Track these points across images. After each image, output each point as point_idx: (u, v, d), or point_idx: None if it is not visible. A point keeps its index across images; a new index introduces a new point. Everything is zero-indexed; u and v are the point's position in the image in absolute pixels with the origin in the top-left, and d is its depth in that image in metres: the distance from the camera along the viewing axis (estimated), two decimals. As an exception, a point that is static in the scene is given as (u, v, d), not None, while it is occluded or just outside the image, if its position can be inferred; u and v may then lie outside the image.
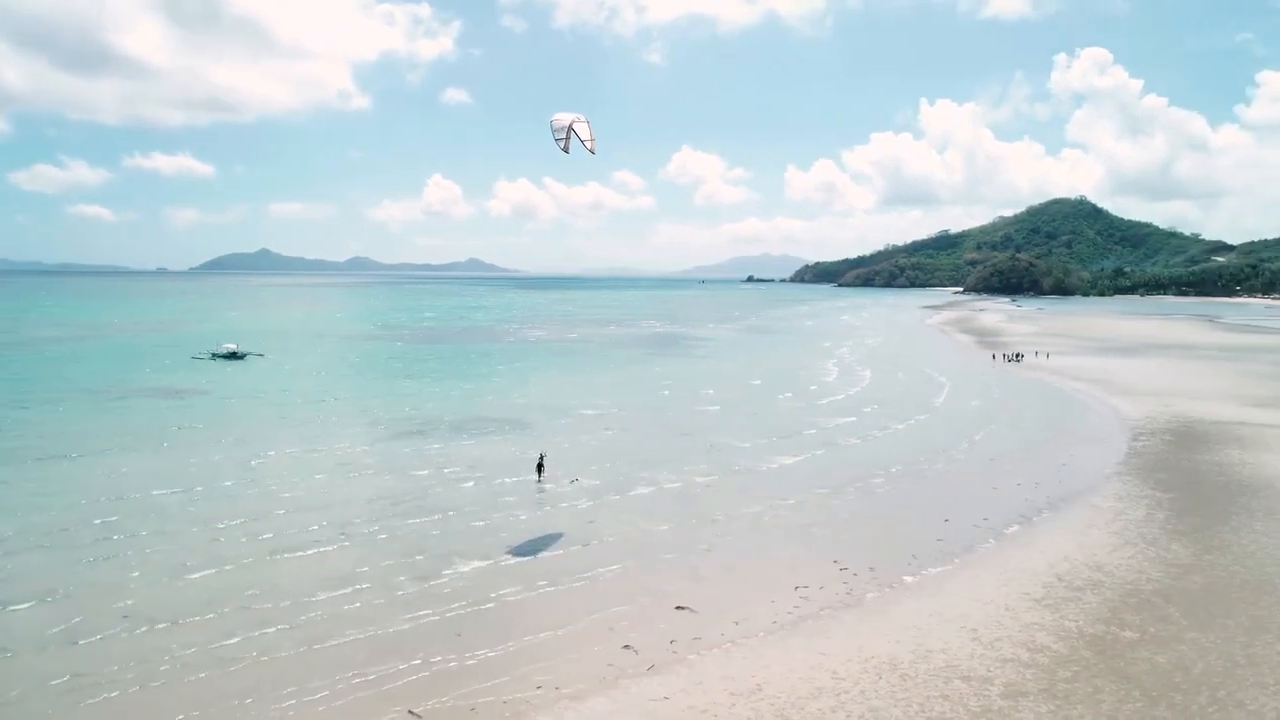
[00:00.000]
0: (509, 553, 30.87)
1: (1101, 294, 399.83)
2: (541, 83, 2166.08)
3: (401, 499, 37.41)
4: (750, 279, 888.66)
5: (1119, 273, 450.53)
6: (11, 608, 25.32)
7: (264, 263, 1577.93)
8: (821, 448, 49.60)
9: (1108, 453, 49.08)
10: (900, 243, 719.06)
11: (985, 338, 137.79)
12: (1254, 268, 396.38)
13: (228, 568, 28.54)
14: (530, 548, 31.36)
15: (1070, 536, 33.59)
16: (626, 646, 23.54)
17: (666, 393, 71.75)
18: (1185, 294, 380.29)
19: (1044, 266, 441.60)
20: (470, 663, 22.43)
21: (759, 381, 78.73)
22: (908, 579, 29.20)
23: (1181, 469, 44.63)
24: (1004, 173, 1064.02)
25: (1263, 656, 22.64)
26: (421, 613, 25.36)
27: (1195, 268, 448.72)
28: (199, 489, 38.46)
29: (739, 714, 19.87)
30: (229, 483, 39.68)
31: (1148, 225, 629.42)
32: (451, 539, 32.25)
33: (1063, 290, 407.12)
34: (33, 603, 25.64)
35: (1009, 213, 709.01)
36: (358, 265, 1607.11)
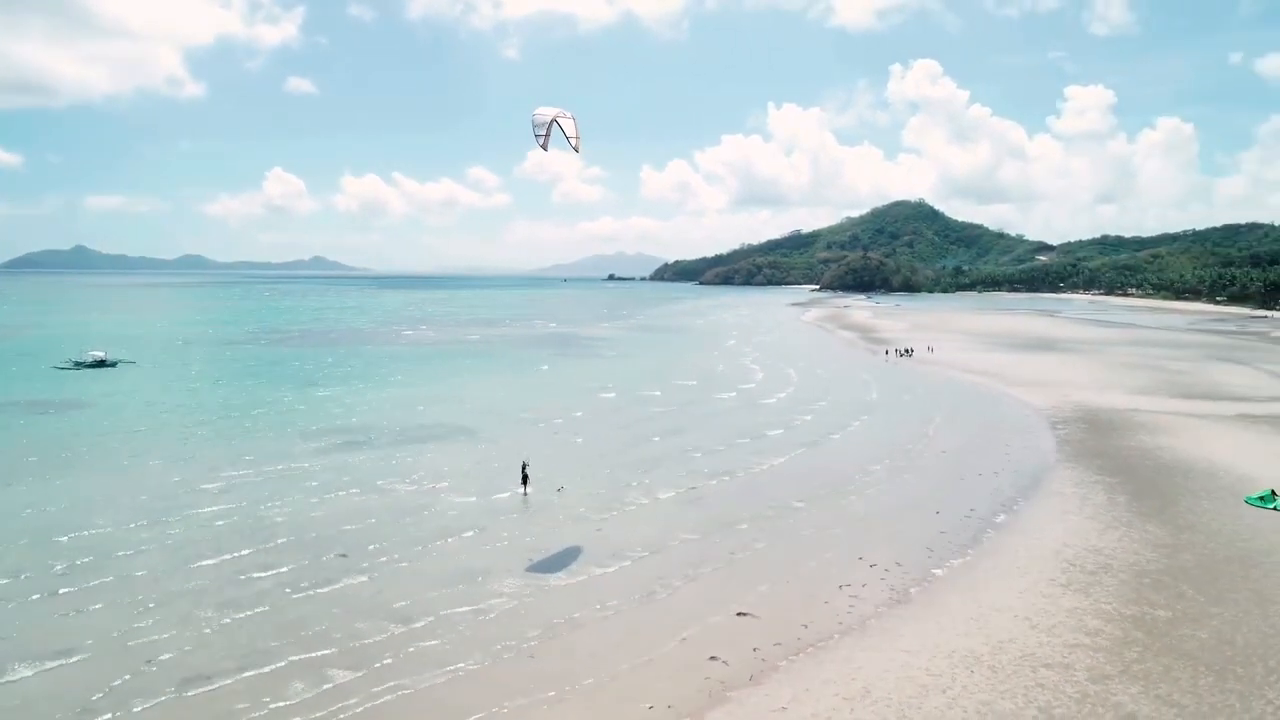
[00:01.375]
0: (538, 570, 29.57)
1: (945, 291, 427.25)
2: (392, 75, 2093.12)
3: (392, 518, 35.16)
4: (611, 277, 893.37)
5: (958, 271, 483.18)
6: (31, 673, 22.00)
7: (80, 261, 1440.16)
8: (798, 448, 50.11)
9: (1039, 441, 52.37)
10: (755, 242, 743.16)
11: (866, 334, 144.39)
12: (1074, 266, 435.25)
13: (241, 614, 25.61)
14: (558, 563, 30.16)
15: (1055, 523, 35.59)
16: (713, 658, 23.06)
17: (610, 394, 70.87)
18: (1017, 290, 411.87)
19: (893, 265, 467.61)
20: (567, 689, 21.31)
21: (694, 382, 79.11)
22: (937, 572, 30.08)
23: (1112, 455, 48.14)
24: (846, 175, 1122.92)
25: (1287, 626, 24.69)
26: (495, 643, 23.80)
27: (1022, 266, 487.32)
28: (161, 517, 34.73)
29: (863, 718, 19.82)
30: (185, 509, 36.03)
31: (979, 227, 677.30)
32: (477, 559, 30.62)
33: (910, 287, 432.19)
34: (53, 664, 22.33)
35: (855, 214, 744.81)
36: (190, 264, 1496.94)
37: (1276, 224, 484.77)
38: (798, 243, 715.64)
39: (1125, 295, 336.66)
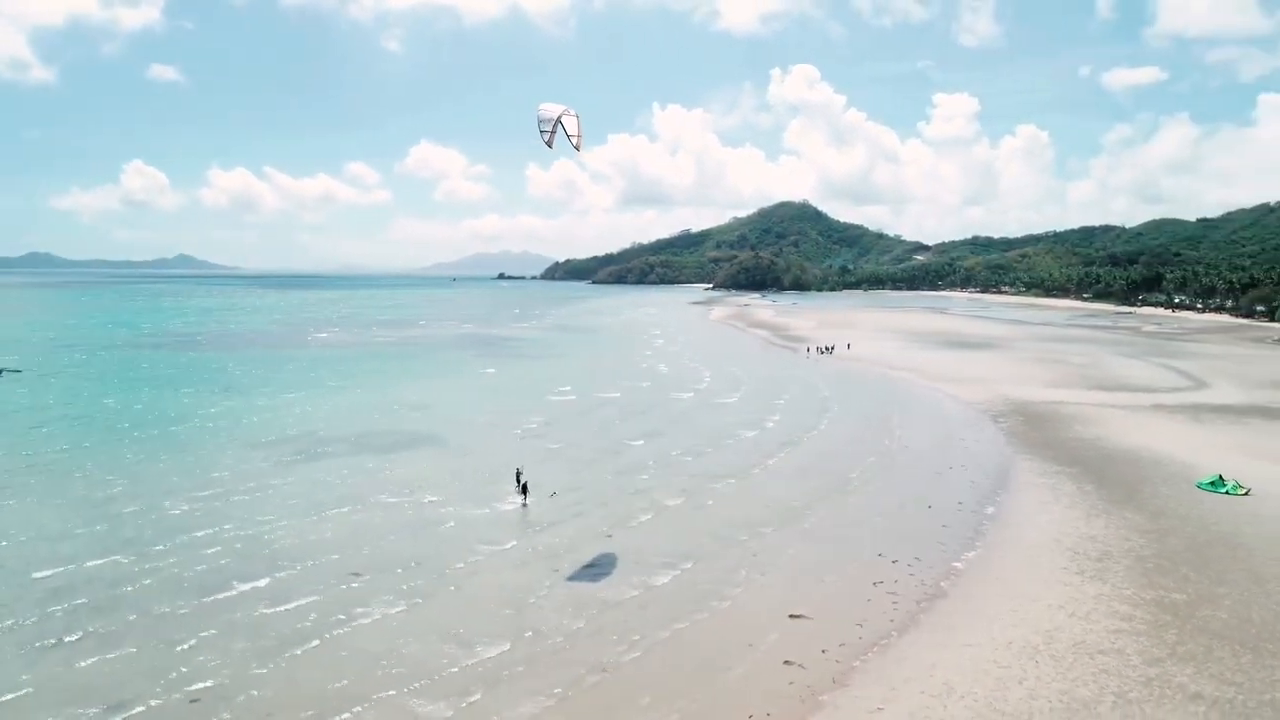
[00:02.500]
0: (581, 583, 28.85)
1: (832, 289, 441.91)
2: (265, 64, 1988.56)
3: (399, 534, 33.62)
4: (502, 276, 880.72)
5: (844, 270, 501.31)
6: None
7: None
8: (781, 448, 50.39)
9: (988, 435, 54.87)
10: (644, 241, 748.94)
11: (778, 332, 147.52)
12: (950, 265, 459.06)
13: (293, 651, 23.95)
14: (595, 575, 29.45)
15: (1040, 513, 37.41)
16: (788, 662, 23.13)
17: (570, 397, 69.71)
18: (900, 288, 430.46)
19: (783, 264, 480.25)
20: (664, 707, 20.92)
21: (647, 383, 78.78)
22: (957, 565, 31.12)
23: (1059, 446, 50.89)
24: (730, 176, 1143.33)
25: (1293, 603, 26.72)
26: (574, 664, 23.05)
27: (902, 265, 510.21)
28: (146, 548, 32.01)
29: (959, 715, 20.25)
30: (168, 536, 33.34)
31: (860, 227, 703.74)
32: (510, 575, 29.68)
33: (800, 286, 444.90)
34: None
35: (740, 214, 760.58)
36: (37, 261, 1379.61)
37: (1126, 226, 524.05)
38: (687, 242, 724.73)
39: (1000, 293, 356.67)
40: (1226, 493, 39.65)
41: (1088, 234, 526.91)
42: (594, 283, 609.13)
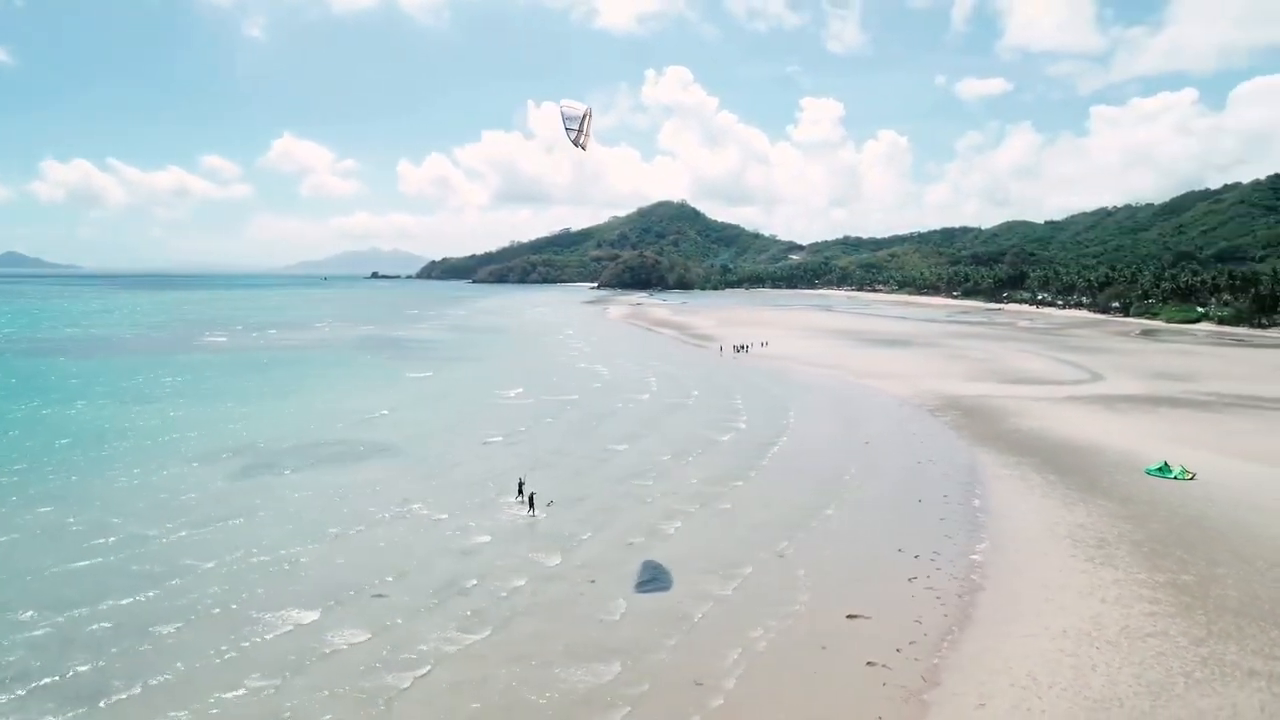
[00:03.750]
0: (645, 592, 28.13)
1: (715, 288, 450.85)
2: (109, 45, 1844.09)
3: (413, 553, 31.77)
4: (375, 275, 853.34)
5: (726, 269, 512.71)
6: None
7: None
8: (765, 449, 50.25)
9: (937, 429, 57.17)
10: (524, 240, 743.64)
11: (685, 331, 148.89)
12: (825, 265, 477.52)
13: (394, 699, 22.21)
14: (654, 586, 28.63)
15: (1021, 503, 39.19)
16: (870, 663, 23.24)
17: (523, 400, 67.71)
18: (779, 287, 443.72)
19: (667, 263, 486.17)
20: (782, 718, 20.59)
21: (599, 385, 77.43)
22: (975, 558, 32.11)
23: (1006, 438, 53.46)
24: (607, 175, 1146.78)
25: (1293, 580, 28.91)
26: (669, 675, 22.38)
27: (779, 265, 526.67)
28: (155, 577, 28.96)
29: (1059, 709, 20.81)
30: (166, 561, 30.34)
31: (737, 227, 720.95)
32: (563, 590, 28.61)
33: (684, 285, 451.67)
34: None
35: (621, 213, 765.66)
36: None
37: (982, 227, 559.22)
38: (568, 241, 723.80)
39: (874, 291, 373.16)
40: (1175, 478, 42.58)
41: (948, 235, 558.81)
42: (474, 282, 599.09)
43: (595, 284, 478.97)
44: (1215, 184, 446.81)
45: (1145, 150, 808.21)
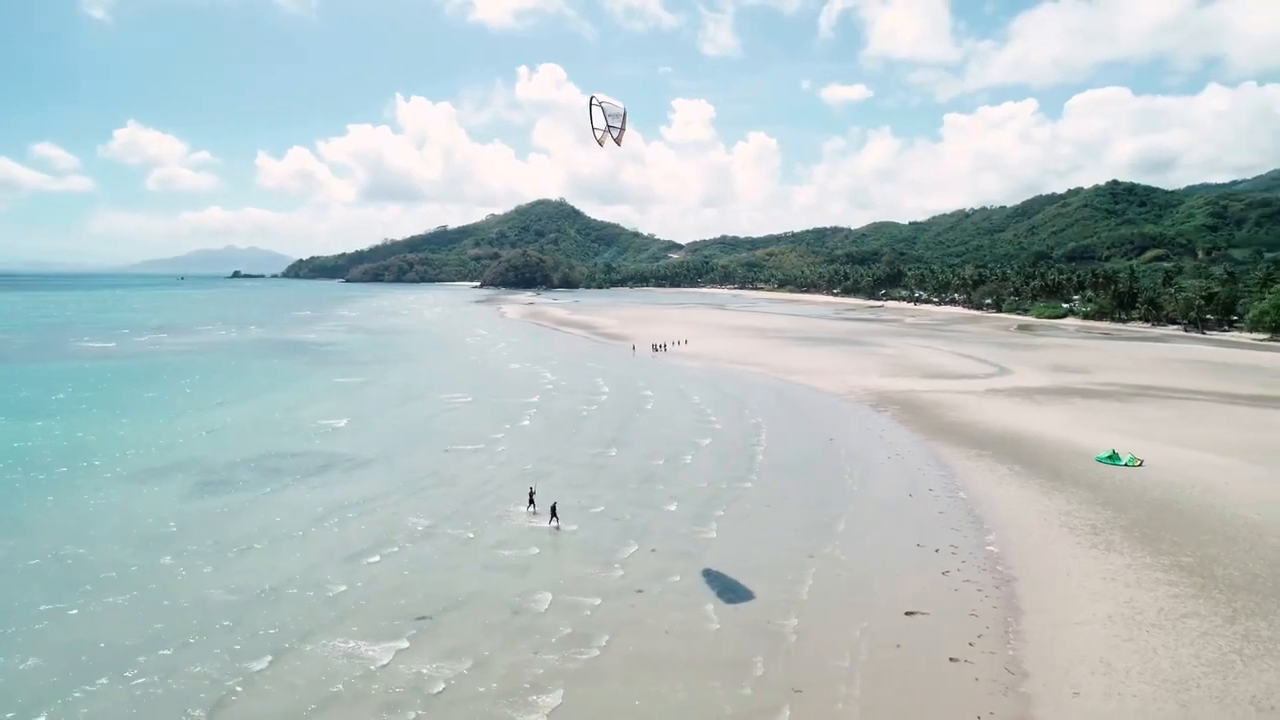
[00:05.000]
0: (729, 602, 27.56)
1: (600, 286, 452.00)
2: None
3: (459, 572, 30.05)
4: (237, 274, 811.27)
5: (610, 268, 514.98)
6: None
7: None
8: (752, 452, 49.89)
9: (887, 424, 58.98)
10: (397, 238, 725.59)
11: (594, 330, 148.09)
12: (706, 263, 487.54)
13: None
14: (731, 595, 28.13)
15: (1001, 492, 40.93)
16: (953, 659, 23.67)
17: (479, 407, 65.33)
18: (663, 285, 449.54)
19: (551, 262, 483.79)
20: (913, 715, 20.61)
21: (549, 387, 75.20)
22: (991, 549, 33.23)
23: (954, 431, 55.72)
24: (480, 172, 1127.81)
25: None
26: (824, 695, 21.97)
27: (660, 263, 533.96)
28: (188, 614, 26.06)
29: (1146, 693, 21.76)
30: (191, 593, 27.48)
31: (616, 226, 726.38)
32: (633, 602, 27.56)
33: (569, 283, 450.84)
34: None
35: (498, 210, 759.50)
36: None
37: (852, 227, 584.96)
38: (444, 239, 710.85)
39: (757, 289, 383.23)
40: (1125, 465, 45.44)
41: (820, 235, 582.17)
42: (347, 281, 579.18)
43: (477, 283, 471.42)
44: (1054, 189, 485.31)
45: (993, 156, 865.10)
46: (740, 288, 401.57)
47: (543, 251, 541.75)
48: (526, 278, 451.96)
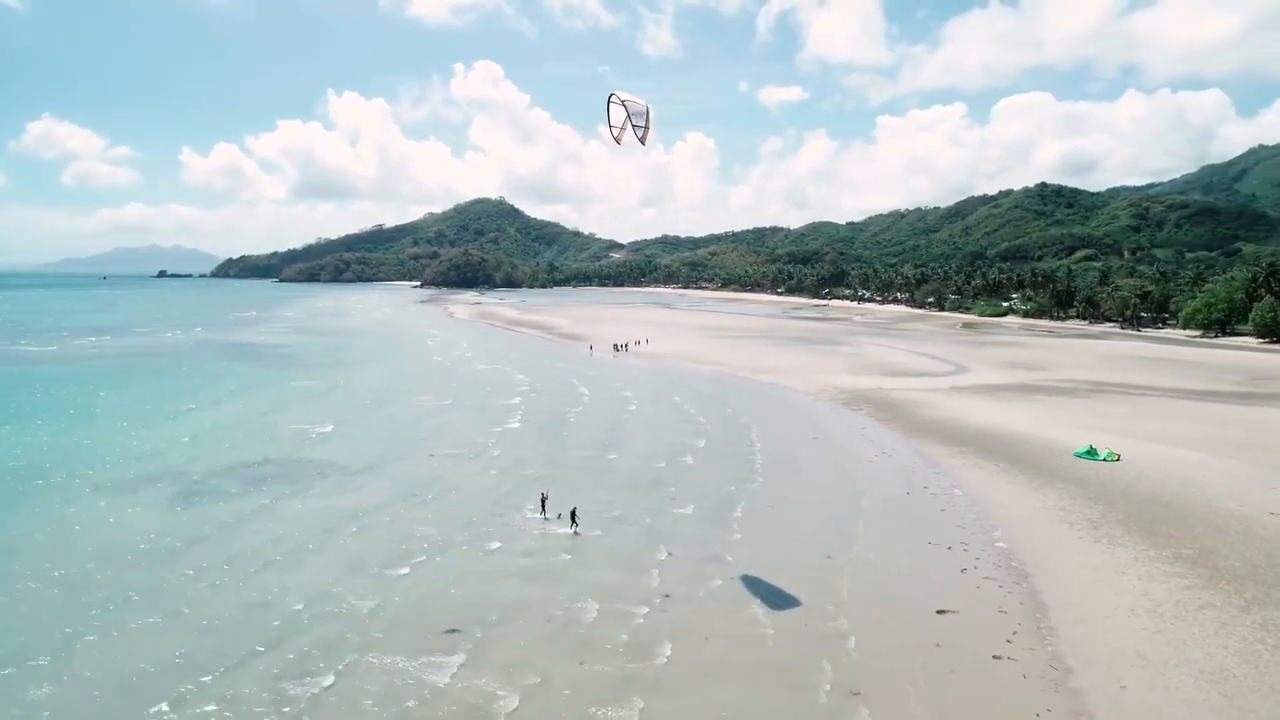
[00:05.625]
0: (777, 608, 27.45)
1: (544, 285, 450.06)
2: None
3: (489, 583, 29.46)
4: (163, 274, 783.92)
5: (553, 267, 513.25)
6: None
7: None
8: (750, 452, 49.98)
9: (866, 422, 59.96)
10: (332, 237, 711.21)
11: (548, 330, 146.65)
12: (649, 262, 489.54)
13: None
14: (777, 601, 28.07)
15: (993, 488, 42.02)
16: (996, 657, 24.15)
17: (460, 410, 64.05)
18: (606, 284, 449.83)
19: (494, 261, 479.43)
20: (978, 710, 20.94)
21: (525, 388, 74.13)
22: (1000, 545, 34.04)
23: (932, 429, 56.85)
24: (415, 169, 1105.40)
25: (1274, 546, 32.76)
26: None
27: (601, 263, 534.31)
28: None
29: (1187, 684, 22.51)
30: (213, 614, 26.30)
31: (557, 225, 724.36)
32: (687, 610, 27.30)
33: (512, 283, 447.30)
34: None
35: (436, 209, 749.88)
36: None
37: (791, 227, 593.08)
38: (381, 238, 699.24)
39: (701, 288, 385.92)
40: (1104, 460, 46.92)
41: (760, 234, 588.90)
42: (281, 281, 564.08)
43: (418, 283, 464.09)
44: (983, 190, 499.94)
45: (924, 158, 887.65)
46: (685, 287, 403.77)
47: (483, 251, 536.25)
48: (469, 277, 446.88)
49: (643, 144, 30.58)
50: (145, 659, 22.81)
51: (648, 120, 30.29)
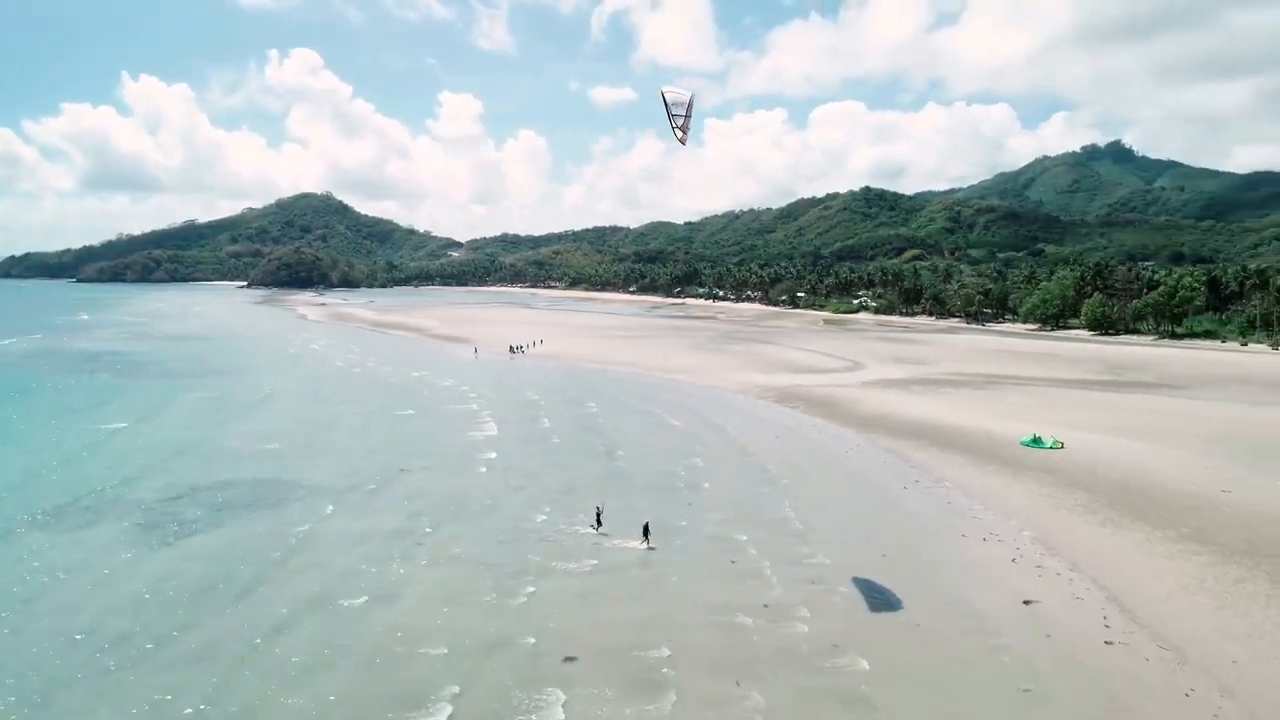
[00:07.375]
0: (881, 610, 27.47)
1: (383, 285, 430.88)
2: None
3: (615, 617, 27.54)
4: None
5: (392, 266, 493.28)
6: None
7: None
8: (749, 458, 49.57)
9: (808, 419, 61.74)
10: (134, 232, 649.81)
11: (427, 333, 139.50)
12: (492, 261, 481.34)
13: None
14: (880, 603, 28.06)
15: (973, 478, 44.35)
16: (1108, 643, 25.32)
17: (426, 419, 59.42)
18: (449, 284, 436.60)
19: (329, 260, 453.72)
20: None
21: (475, 397, 69.69)
22: (1025, 533, 35.80)
23: (874, 423, 58.95)
24: (227, 161, 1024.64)
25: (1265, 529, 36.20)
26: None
27: (441, 261, 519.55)
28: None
29: (1255, 653, 24.53)
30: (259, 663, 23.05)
31: (391, 223, 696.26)
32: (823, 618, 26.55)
33: (349, 283, 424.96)
34: None
35: (255, 204, 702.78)
36: None
37: (630, 227, 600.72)
38: (192, 235, 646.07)
39: (550, 287, 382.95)
40: (1050, 448, 50.17)
41: (601, 233, 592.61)
42: (80, 281, 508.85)
43: (244, 283, 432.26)
44: (805, 193, 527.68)
45: (749, 160, 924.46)
46: (533, 286, 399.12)
47: (314, 249, 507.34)
48: (302, 277, 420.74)
49: (683, 132, 29.39)
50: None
51: (688, 109, 29.20)
